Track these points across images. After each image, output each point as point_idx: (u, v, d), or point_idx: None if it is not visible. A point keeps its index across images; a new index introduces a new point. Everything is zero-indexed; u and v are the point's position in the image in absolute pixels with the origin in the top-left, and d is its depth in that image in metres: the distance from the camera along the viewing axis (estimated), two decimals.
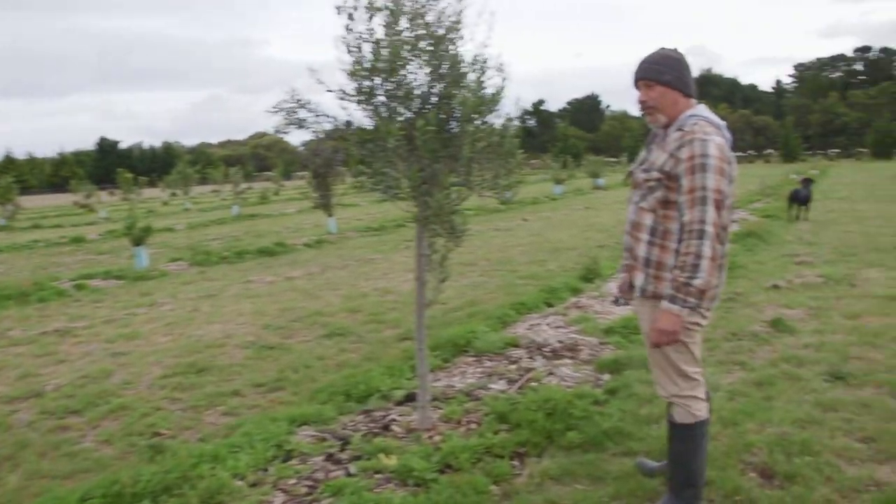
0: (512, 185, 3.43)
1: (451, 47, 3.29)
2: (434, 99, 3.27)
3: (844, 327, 5.96)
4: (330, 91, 3.43)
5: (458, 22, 3.36)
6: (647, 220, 2.90)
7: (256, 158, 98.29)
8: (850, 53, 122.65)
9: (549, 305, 7.20)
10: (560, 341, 5.67)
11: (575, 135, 77.38)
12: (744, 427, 3.95)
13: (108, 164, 70.82)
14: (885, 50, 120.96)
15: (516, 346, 5.63)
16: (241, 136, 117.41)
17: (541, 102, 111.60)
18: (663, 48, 2.99)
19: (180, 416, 4.88)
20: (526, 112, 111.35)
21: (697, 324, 2.90)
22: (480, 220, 18.00)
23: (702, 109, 2.90)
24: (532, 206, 22.58)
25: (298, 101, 3.45)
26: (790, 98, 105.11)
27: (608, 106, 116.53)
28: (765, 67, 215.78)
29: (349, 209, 23.10)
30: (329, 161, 14.89)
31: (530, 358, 5.29)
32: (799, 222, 13.97)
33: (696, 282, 2.67)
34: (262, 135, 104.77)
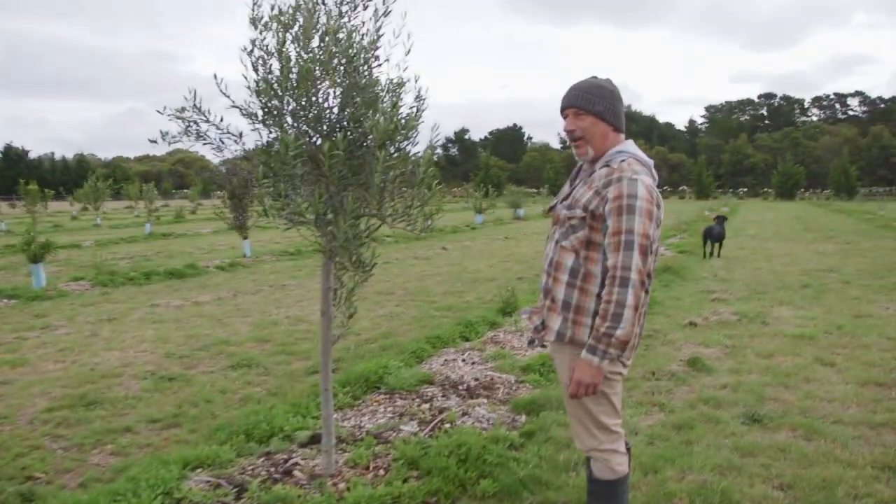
0: (427, 217, 3.18)
1: (364, 68, 3.04)
2: (345, 122, 3.01)
3: (759, 367, 5.95)
4: (235, 106, 3.13)
5: (373, 42, 3.13)
6: (568, 260, 2.69)
7: (175, 175, 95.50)
8: (755, 98, 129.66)
9: (466, 339, 6.96)
10: (476, 379, 5.43)
11: (497, 165, 78.30)
12: (664, 475, 3.79)
13: (14, 174, 67.13)
14: (785, 98, 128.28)
15: (430, 382, 5.35)
16: (160, 152, 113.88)
17: (464, 131, 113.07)
18: (596, 77, 2.80)
19: (61, 456, 4.40)
20: (449, 140, 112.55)
21: (618, 373, 2.71)
22: (400, 248, 17.76)
23: (631, 146, 2.75)
24: (452, 235, 22.50)
25: (199, 109, 3.12)
26: (703, 138, 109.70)
27: (530, 137, 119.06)
28: (680, 107, 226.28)
29: (266, 231, 22.41)
30: (246, 182, 14.37)
31: (444, 396, 5.03)
32: (713, 259, 14.30)
33: (619, 332, 2.48)
34: (181, 151, 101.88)
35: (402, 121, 3.00)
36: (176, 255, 16.86)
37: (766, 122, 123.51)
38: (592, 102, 2.69)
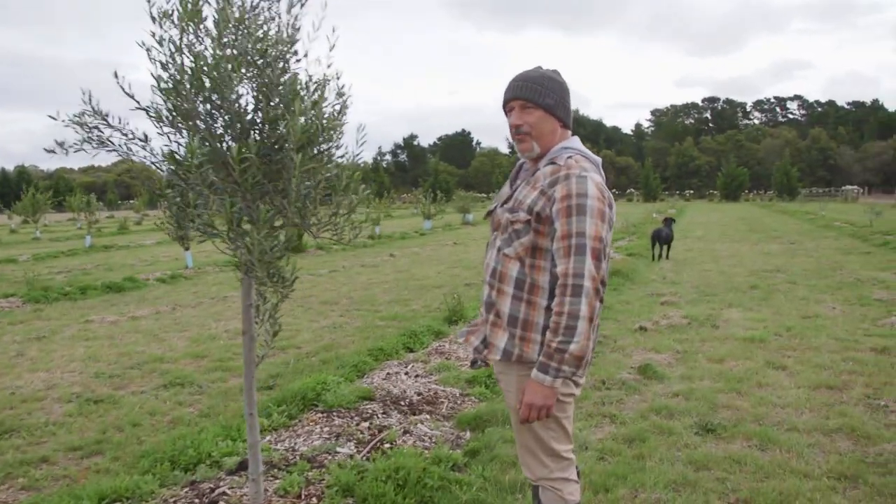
0: (354, 226, 2.90)
1: (280, 64, 2.75)
2: (259, 124, 2.71)
3: (711, 372, 5.81)
4: (141, 108, 2.80)
5: (291, 36, 2.84)
6: (513, 270, 2.42)
7: (121, 186, 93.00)
8: (700, 102, 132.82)
9: (410, 350, 6.68)
10: (419, 393, 5.16)
11: (446, 170, 78.21)
12: (616, 493, 3.57)
13: None
14: (728, 101, 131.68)
15: (371, 399, 5.05)
16: (104, 163, 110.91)
17: (413, 137, 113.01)
18: (541, 68, 2.52)
19: None
20: (398, 147, 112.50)
21: (570, 394, 2.46)
22: (347, 256, 17.40)
23: (576, 142, 2.50)
24: (401, 242, 22.20)
25: (98, 113, 2.79)
26: (649, 141, 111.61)
27: (479, 142, 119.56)
28: (627, 111, 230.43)
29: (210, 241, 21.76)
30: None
31: (385, 413, 4.74)
32: (661, 261, 14.30)
33: (573, 347, 2.21)
34: (127, 162, 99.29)
35: (323, 121, 2.71)
36: (116, 268, 16.20)
37: (711, 125, 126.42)
38: (542, 94, 2.43)
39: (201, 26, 2.76)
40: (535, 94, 2.42)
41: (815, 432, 4.41)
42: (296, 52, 2.82)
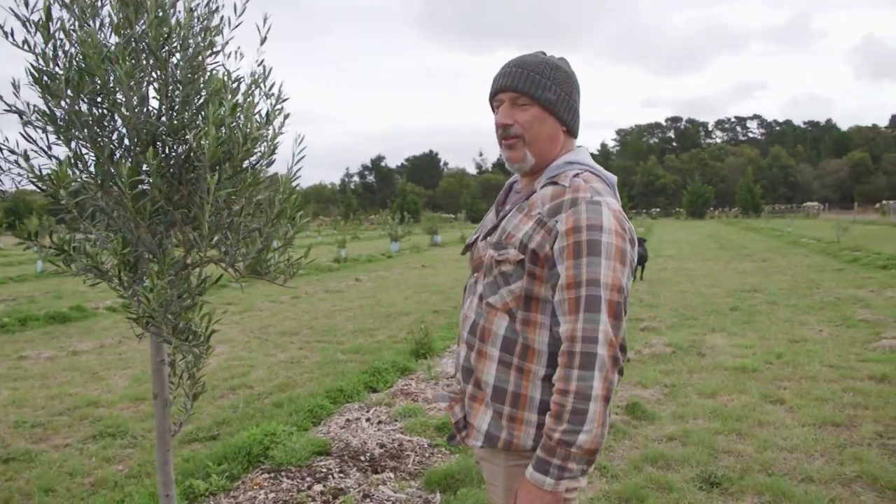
0: (290, 263, 2.29)
1: (187, 55, 2.15)
2: (162, 135, 2.10)
3: (704, 410, 5.27)
4: (12, 111, 2.17)
5: (208, 19, 2.24)
6: (499, 326, 1.79)
7: None
8: (663, 122, 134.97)
9: (373, 390, 6.02)
10: (381, 445, 4.52)
11: (413, 191, 77.74)
12: None
13: None
14: (690, 121, 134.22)
15: (327, 453, 4.40)
16: None
17: (381, 158, 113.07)
18: (544, 53, 1.89)
19: None
20: (366, 168, 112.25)
21: (576, 488, 1.78)
22: (311, 281, 16.66)
23: (585, 155, 1.89)
24: (367, 265, 21.49)
25: None
26: (615, 160, 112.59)
27: (446, 163, 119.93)
28: (592, 131, 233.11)
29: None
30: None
31: (342, 472, 4.09)
32: (637, 282, 13.85)
33: (582, 439, 1.59)
34: None
35: (248, 130, 2.11)
36: (66, 295, 15.25)
37: (674, 144, 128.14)
38: (541, 86, 1.79)
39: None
40: (532, 86, 1.79)
41: (833, 483, 3.88)
42: (212, 44, 2.23)
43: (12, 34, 2.04)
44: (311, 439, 4.58)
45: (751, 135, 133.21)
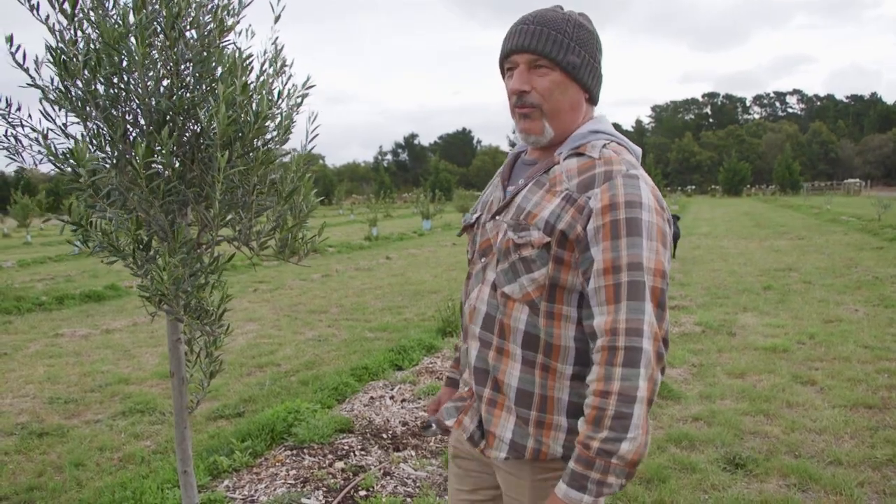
0: (307, 242, 2.29)
1: (198, 32, 2.14)
2: (171, 113, 2.09)
3: (732, 390, 5.20)
4: (34, 85, 2.18)
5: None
6: (519, 319, 1.56)
7: None
8: (699, 98, 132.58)
9: (399, 368, 6.04)
10: (404, 423, 4.54)
11: (447, 169, 77.57)
12: None
13: None
14: (728, 97, 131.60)
15: (349, 430, 4.43)
16: None
17: (413, 136, 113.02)
18: (561, 7, 1.64)
19: None
20: (399, 146, 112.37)
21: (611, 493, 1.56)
22: (342, 259, 16.77)
23: (608, 124, 1.67)
24: (399, 243, 21.56)
25: None
26: (650, 137, 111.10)
27: (479, 141, 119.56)
28: (628, 108, 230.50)
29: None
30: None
31: (364, 450, 4.11)
32: None
33: (625, 449, 1.38)
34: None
35: (259, 110, 2.10)
36: (101, 275, 15.54)
37: (711, 120, 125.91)
38: (565, 48, 1.55)
39: None
40: (554, 47, 1.54)
41: (863, 466, 3.80)
42: (221, 22, 2.21)
43: (38, 7, 2.05)
44: (334, 417, 4.62)
45: (790, 110, 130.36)
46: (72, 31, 2.10)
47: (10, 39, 2.06)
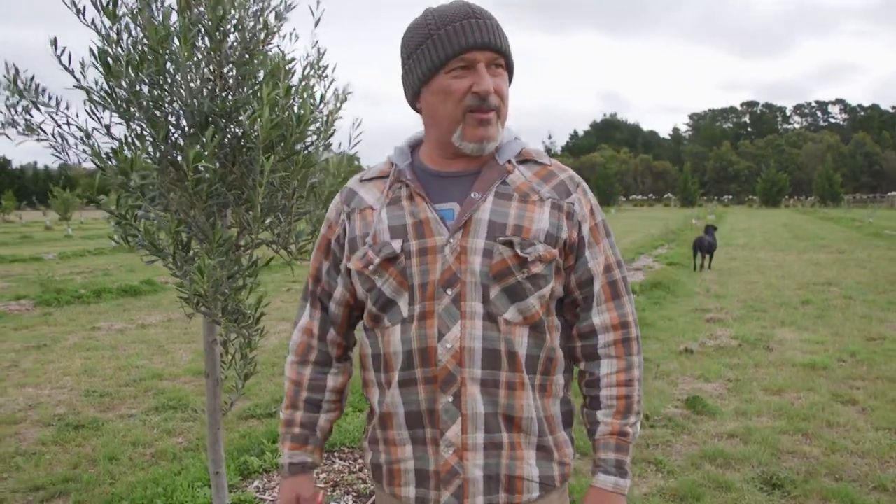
0: None
1: (243, 37, 2.14)
2: (214, 115, 2.10)
3: (769, 407, 5.08)
4: (80, 87, 2.20)
5: (263, 2, 2.23)
6: (521, 343, 1.44)
7: None
8: (738, 106, 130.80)
9: None
10: None
11: None
12: None
13: None
14: (767, 105, 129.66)
15: None
16: None
17: None
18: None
19: None
20: None
21: None
22: None
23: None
24: None
25: (28, 90, 2.20)
26: (687, 145, 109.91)
27: None
28: (664, 115, 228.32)
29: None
30: None
31: None
32: (704, 271, 13.48)
33: (637, 425, 1.53)
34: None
35: (301, 113, 2.09)
36: (139, 269, 15.78)
37: (749, 129, 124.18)
38: (509, 49, 1.48)
39: None
40: (506, 45, 1.46)
41: None
42: (266, 25, 2.21)
43: (84, 12, 2.07)
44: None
45: (832, 120, 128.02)
46: (115, 32, 2.11)
47: (54, 43, 2.08)
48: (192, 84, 2.11)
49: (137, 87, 2.12)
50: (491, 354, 1.42)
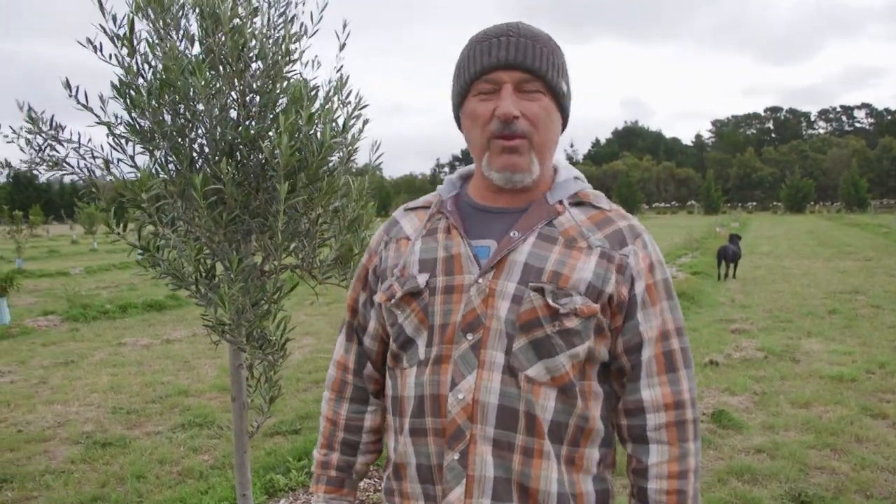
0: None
1: (264, 63, 2.18)
2: (236, 143, 2.14)
3: (796, 421, 5.02)
4: (102, 123, 2.26)
5: (286, 28, 2.26)
6: (546, 407, 1.24)
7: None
8: (762, 112, 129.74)
9: None
10: None
11: None
12: None
13: (24, 199, 66.88)
14: (791, 111, 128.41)
15: None
16: None
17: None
18: (522, 23, 1.33)
19: None
20: (456, 158, 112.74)
21: None
22: None
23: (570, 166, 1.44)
24: None
25: (48, 128, 2.26)
26: (710, 152, 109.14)
27: None
28: (687, 121, 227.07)
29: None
30: None
31: None
32: (728, 280, 13.36)
33: None
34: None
35: (322, 140, 2.12)
36: (163, 284, 15.88)
37: (773, 135, 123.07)
38: (557, 70, 1.29)
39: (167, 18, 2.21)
40: (549, 66, 1.27)
41: None
42: (288, 52, 2.25)
43: (101, 48, 2.12)
44: None
45: (857, 125, 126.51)
46: (135, 64, 2.16)
47: (67, 85, 2.13)
48: (214, 111, 2.15)
49: (160, 116, 2.16)
50: (507, 413, 1.23)
